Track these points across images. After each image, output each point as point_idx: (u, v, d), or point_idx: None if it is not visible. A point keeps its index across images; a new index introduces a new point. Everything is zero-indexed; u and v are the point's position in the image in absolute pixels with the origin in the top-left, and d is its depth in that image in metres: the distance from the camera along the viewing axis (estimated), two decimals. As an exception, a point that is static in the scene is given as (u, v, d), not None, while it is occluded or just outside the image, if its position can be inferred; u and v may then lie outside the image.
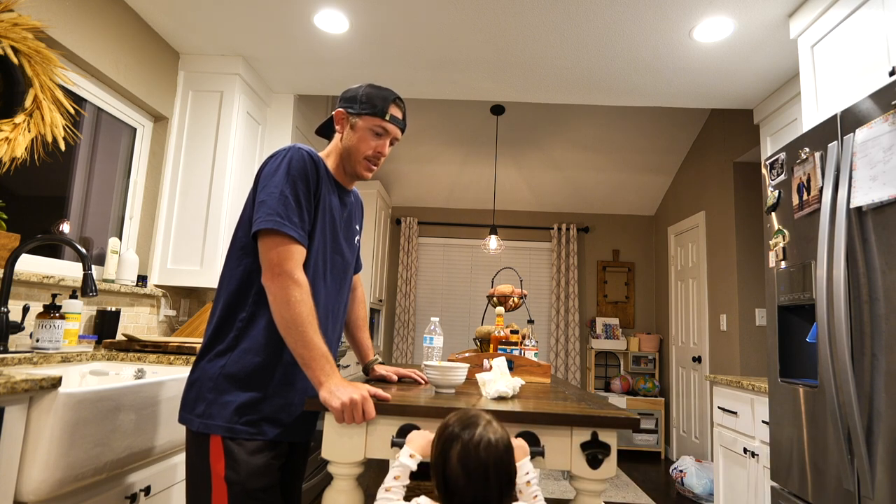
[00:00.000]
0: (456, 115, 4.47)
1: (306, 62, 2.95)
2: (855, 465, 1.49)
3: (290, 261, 1.19)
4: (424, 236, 5.55)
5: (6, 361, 1.58)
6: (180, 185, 2.82)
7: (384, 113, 1.33)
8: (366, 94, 1.34)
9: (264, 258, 1.20)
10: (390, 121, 1.35)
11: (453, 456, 0.90)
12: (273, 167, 1.26)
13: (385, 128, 1.35)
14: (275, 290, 1.17)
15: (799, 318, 1.91)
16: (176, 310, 2.88)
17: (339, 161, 1.39)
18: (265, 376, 1.23)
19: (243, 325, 1.24)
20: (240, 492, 1.15)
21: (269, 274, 1.18)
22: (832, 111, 2.05)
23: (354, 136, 1.35)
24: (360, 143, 1.34)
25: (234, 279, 1.27)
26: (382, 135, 1.35)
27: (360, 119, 1.34)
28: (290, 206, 1.22)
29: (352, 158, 1.36)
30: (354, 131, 1.35)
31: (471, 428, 0.92)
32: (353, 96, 1.35)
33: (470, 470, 0.88)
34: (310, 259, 1.28)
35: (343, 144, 1.37)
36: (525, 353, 1.93)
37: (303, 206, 1.24)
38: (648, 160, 4.86)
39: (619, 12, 2.38)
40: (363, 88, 1.35)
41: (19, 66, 1.77)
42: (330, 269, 1.35)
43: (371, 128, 1.34)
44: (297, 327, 1.15)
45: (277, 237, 1.20)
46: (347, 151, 1.36)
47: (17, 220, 2.02)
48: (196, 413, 1.20)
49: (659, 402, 4.76)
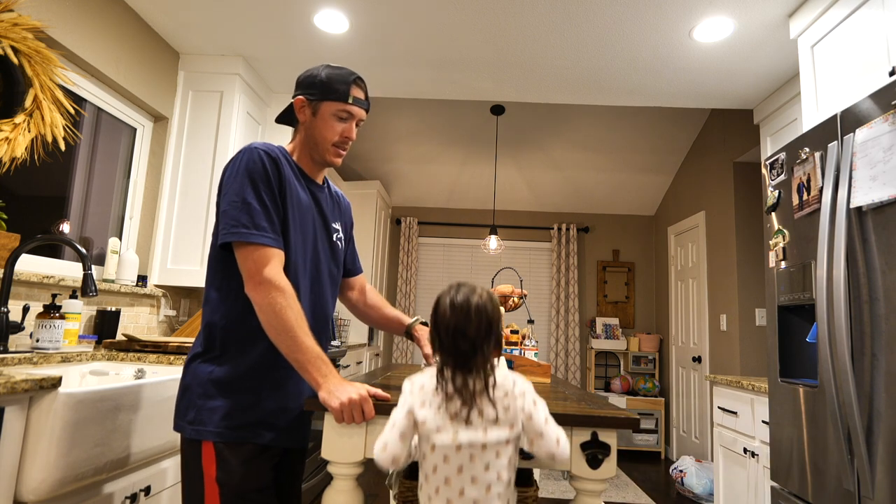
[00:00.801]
0: (456, 115, 4.47)
1: (306, 62, 2.95)
2: (855, 465, 1.49)
3: (267, 266, 1.15)
4: (424, 236, 5.55)
5: (6, 361, 1.58)
6: (180, 185, 2.82)
7: (346, 96, 1.27)
8: (325, 77, 1.27)
9: (242, 268, 1.17)
10: (354, 103, 1.29)
11: (444, 298, 1.05)
12: (232, 172, 1.21)
13: (349, 111, 1.29)
14: (258, 300, 1.14)
15: (799, 318, 1.91)
16: (176, 310, 2.88)
17: (306, 150, 1.33)
18: (255, 381, 1.22)
19: (228, 331, 1.22)
20: (232, 494, 1.15)
21: (251, 283, 1.16)
22: (832, 111, 2.05)
23: (318, 123, 1.29)
24: (326, 129, 1.29)
25: (213, 285, 1.25)
26: (347, 118, 1.30)
27: (322, 104, 1.28)
28: (255, 211, 1.18)
29: (319, 146, 1.31)
30: (317, 118, 1.29)
31: (462, 286, 1.07)
32: (311, 81, 1.28)
33: (455, 305, 1.02)
34: (288, 259, 1.24)
35: (307, 133, 1.31)
36: (525, 353, 1.93)
37: (269, 208, 1.19)
38: (648, 160, 4.86)
39: (619, 12, 2.38)
40: (322, 71, 1.28)
41: (19, 66, 1.77)
42: (311, 268, 1.32)
43: (335, 113, 1.28)
44: (287, 332, 1.13)
45: (248, 247, 1.17)
46: (313, 140, 1.31)
47: (17, 220, 2.02)
48: (187, 420, 1.19)
49: (659, 402, 4.76)
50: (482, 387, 0.99)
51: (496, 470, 0.98)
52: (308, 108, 1.29)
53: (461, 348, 1.00)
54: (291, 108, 1.35)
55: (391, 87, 3.21)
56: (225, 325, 1.23)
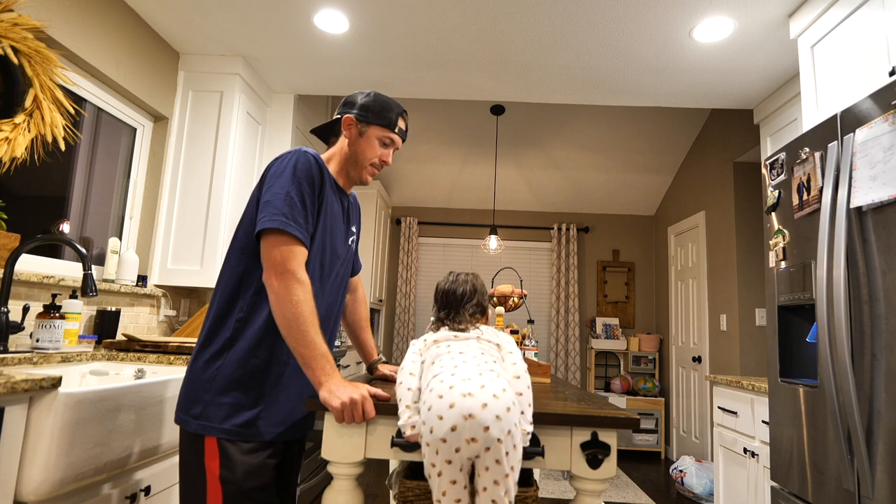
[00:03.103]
0: (456, 115, 4.47)
1: (306, 62, 2.96)
2: (855, 465, 1.49)
3: (294, 260, 1.19)
4: (424, 236, 5.55)
5: (6, 361, 1.58)
6: (180, 185, 2.82)
7: (394, 125, 1.40)
8: (377, 103, 1.39)
9: (267, 256, 1.20)
10: (398, 133, 1.42)
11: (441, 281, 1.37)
12: (279, 169, 1.26)
13: (392, 139, 1.41)
14: (278, 289, 1.17)
15: (799, 318, 1.91)
16: (176, 310, 2.88)
17: (343, 165, 1.41)
18: (260, 377, 1.24)
19: (239, 326, 1.24)
20: (235, 491, 1.15)
21: (273, 272, 1.18)
22: (832, 111, 2.05)
23: (363, 143, 1.39)
24: (368, 149, 1.39)
25: (232, 279, 1.27)
26: (389, 145, 1.42)
27: (370, 128, 1.38)
28: (296, 208, 1.22)
29: (358, 163, 1.40)
30: (363, 138, 1.39)
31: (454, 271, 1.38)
32: (364, 104, 1.39)
33: (449, 280, 1.35)
34: (309, 261, 1.28)
35: (350, 149, 1.40)
36: (525, 353, 1.93)
37: (307, 209, 1.25)
38: (648, 160, 4.86)
39: (619, 12, 2.38)
40: (373, 97, 1.39)
41: (19, 66, 1.77)
42: (328, 270, 1.36)
43: (380, 137, 1.39)
44: (298, 326, 1.15)
45: (282, 236, 1.20)
46: (354, 156, 1.39)
47: (17, 220, 2.02)
48: (192, 414, 1.20)
49: (659, 402, 4.76)
50: (467, 322, 1.27)
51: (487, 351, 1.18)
52: (356, 128, 1.39)
53: (451, 302, 1.31)
54: (332, 124, 1.43)
55: (391, 87, 3.21)
56: (241, 318, 1.25)
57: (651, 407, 4.76)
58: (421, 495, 1.19)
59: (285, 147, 3.29)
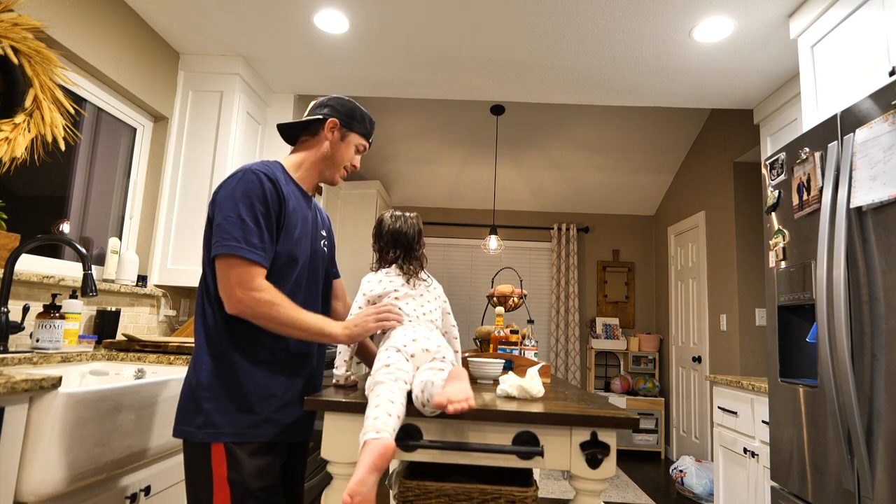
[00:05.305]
0: (456, 115, 4.47)
1: (306, 62, 2.96)
2: (855, 465, 1.49)
3: (251, 281, 1.19)
4: (425, 236, 5.53)
5: (6, 361, 1.58)
6: (180, 185, 2.82)
7: (370, 135, 1.50)
8: (358, 112, 1.46)
9: (223, 283, 1.20)
10: (370, 142, 1.52)
11: (384, 216, 1.51)
12: (228, 191, 1.25)
13: (366, 147, 1.50)
14: (247, 311, 1.19)
15: (799, 318, 1.91)
16: (176, 310, 2.88)
17: (317, 164, 1.43)
18: (260, 379, 1.25)
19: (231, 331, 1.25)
20: (242, 492, 1.17)
21: (233, 299, 1.19)
22: (832, 111, 2.05)
23: (343, 147, 1.44)
24: (346, 154, 1.45)
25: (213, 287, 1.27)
26: (361, 152, 1.50)
27: (352, 134, 1.45)
28: (249, 228, 1.22)
29: (334, 165, 1.45)
30: (344, 142, 1.44)
31: (396, 211, 1.53)
32: (349, 111, 1.44)
33: (396, 217, 1.50)
34: (296, 269, 1.32)
35: (329, 151, 1.43)
36: (525, 353, 1.93)
37: (261, 226, 1.24)
38: (648, 160, 4.86)
39: (619, 12, 2.38)
40: (353, 105, 1.46)
41: (19, 66, 1.77)
42: (308, 274, 1.39)
43: (357, 144, 1.47)
44: (291, 323, 1.20)
45: (234, 259, 1.20)
46: (332, 158, 1.44)
47: (17, 220, 2.02)
48: (196, 425, 1.20)
49: (659, 402, 4.76)
50: (417, 267, 1.45)
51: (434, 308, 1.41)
52: (339, 131, 1.44)
53: (402, 242, 1.45)
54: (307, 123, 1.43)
55: (391, 86, 3.21)
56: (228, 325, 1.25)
57: (651, 407, 4.76)
58: (421, 495, 1.19)
59: (285, 147, 3.29)
